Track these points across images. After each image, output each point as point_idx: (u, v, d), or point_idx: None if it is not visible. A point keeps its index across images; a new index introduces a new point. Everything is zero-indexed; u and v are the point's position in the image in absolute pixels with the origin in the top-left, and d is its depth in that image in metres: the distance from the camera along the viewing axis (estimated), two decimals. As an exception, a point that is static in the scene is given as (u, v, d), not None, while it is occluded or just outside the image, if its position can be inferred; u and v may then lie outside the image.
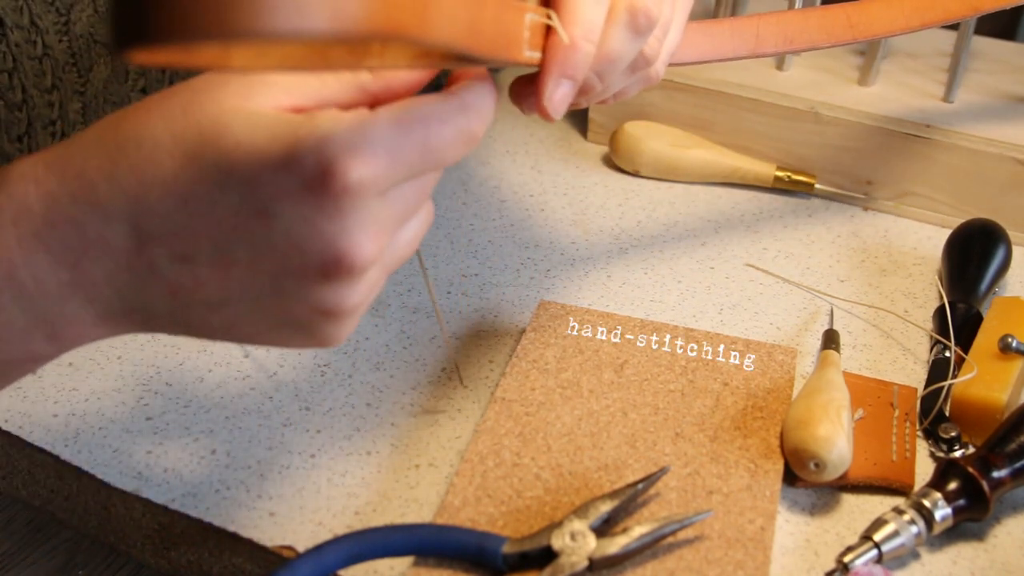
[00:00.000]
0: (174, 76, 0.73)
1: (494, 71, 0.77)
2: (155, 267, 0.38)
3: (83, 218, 0.38)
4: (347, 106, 0.40)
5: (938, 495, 0.50)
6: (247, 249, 0.37)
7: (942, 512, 0.49)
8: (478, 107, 0.40)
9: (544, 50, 0.45)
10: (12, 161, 0.41)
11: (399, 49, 0.38)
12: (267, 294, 0.38)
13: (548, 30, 0.45)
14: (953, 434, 0.54)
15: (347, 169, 0.35)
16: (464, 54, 0.37)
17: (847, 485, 0.53)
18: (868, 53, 0.77)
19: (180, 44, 0.29)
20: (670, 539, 0.49)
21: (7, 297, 0.38)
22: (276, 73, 0.38)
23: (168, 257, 0.38)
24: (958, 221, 0.69)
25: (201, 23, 0.28)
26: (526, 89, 0.47)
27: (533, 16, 0.44)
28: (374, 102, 0.41)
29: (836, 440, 0.50)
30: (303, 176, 0.36)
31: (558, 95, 0.46)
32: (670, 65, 0.54)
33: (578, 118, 0.86)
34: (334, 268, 0.37)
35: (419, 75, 0.42)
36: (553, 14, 0.44)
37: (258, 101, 0.37)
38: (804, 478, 0.52)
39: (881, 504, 0.53)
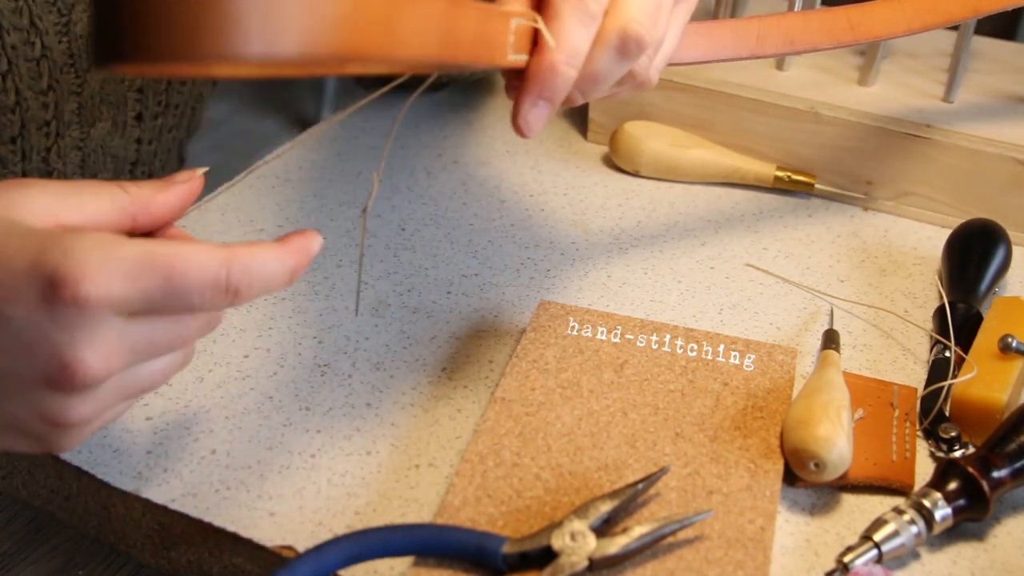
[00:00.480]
0: (172, 79, 0.73)
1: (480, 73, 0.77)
2: None
3: None
4: (111, 227, 0.42)
5: (938, 495, 0.50)
6: None
7: (942, 512, 0.49)
8: (248, 267, 0.40)
9: (528, 62, 0.45)
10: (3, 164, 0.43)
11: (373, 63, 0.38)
12: None
13: (535, 32, 0.45)
14: (953, 434, 0.54)
15: (80, 284, 0.37)
16: (439, 63, 0.38)
17: (847, 485, 0.53)
18: (868, 53, 0.77)
19: (154, 65, 0.31)
20: (670, 539, 0.49)
21: None
22: (67, 189, 0.41)
23: None
24: (958, 221, 0.69)
25: (173, 48, 0.31)
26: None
27: (520, 21, 0.44)
28: (135, 223, 0.43)
29: (836, 440, 0.50)
30: (40, 285, 0.37)
31: (533, 115, 0.47)
32: (670, 65, 0.54)
33: (578, 118, 0.86)
34: (58, 377, 0.38)
35: (182, 200, 0.44)
36: (539, 19, 0.44)
37: (24, 212, 0.40)
38: (804, 478, 0.52)
39: (881, 504, 0.53)
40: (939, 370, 0.58)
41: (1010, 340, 0.56)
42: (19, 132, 0.61)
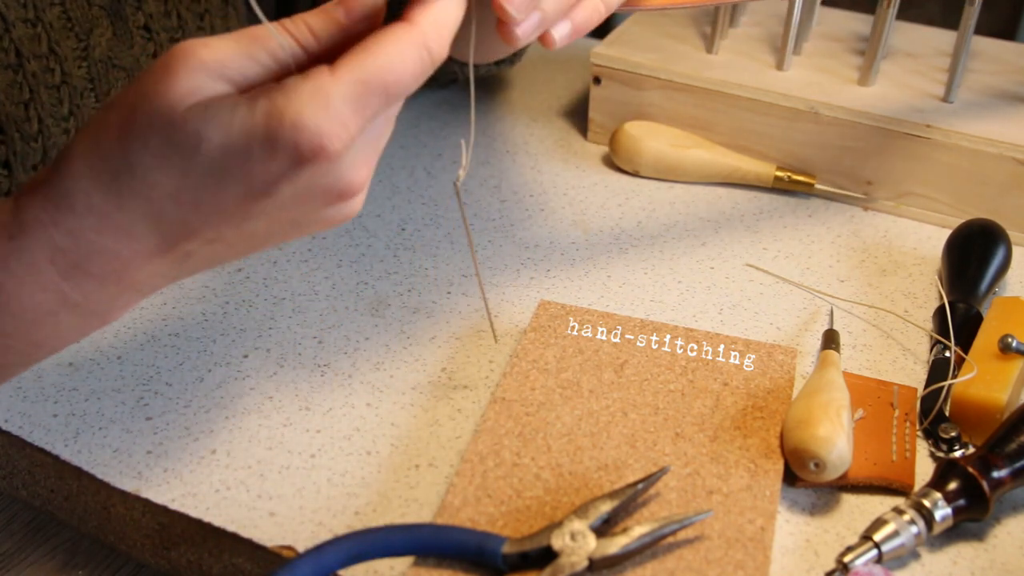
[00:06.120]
0: None
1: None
2: (190, 253, 0.43)
3: (112, 244, 0.41)
4: (281, 76, 0.41)
5: (938, 495, 0.50)
6: (263, 217, 0.42)
7: (942, 512, 0.49)
8: (436, 25, 0.42)
9: None
10: (5, 204, 0.42)
11: None
12: (289, 226, 0.44)
13: None
14: (953, 434, 0.54)
15: (324, 148, 0.39)
16: None
17: (847, 485, 0.53)
18: (868, 53, 0.77)
19: None
20: (670, 539, 0.49)
21: (65, 316, 0.44)
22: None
23: (200, 243, 0.43)
24: (958, 221, 0.69)
25: None
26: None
27: None
28: (314, 62, 0.41)
29: (836, 440, 0.50)
30: (287, 160, 0.39)
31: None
32: (659, 8, 0.54)
33: (578, 118, 0.86)
34: (337, 199, 0.42)
35: (348, 22, 0.43)
36: None
37: (208, 95, 0.39)
38: (804, 478, 0.52)
39: (881, 504, 0.53)
40: (939, 370, 0.58)
41: (1010, 340, 0.56)
42: (41, 159, 0.61)
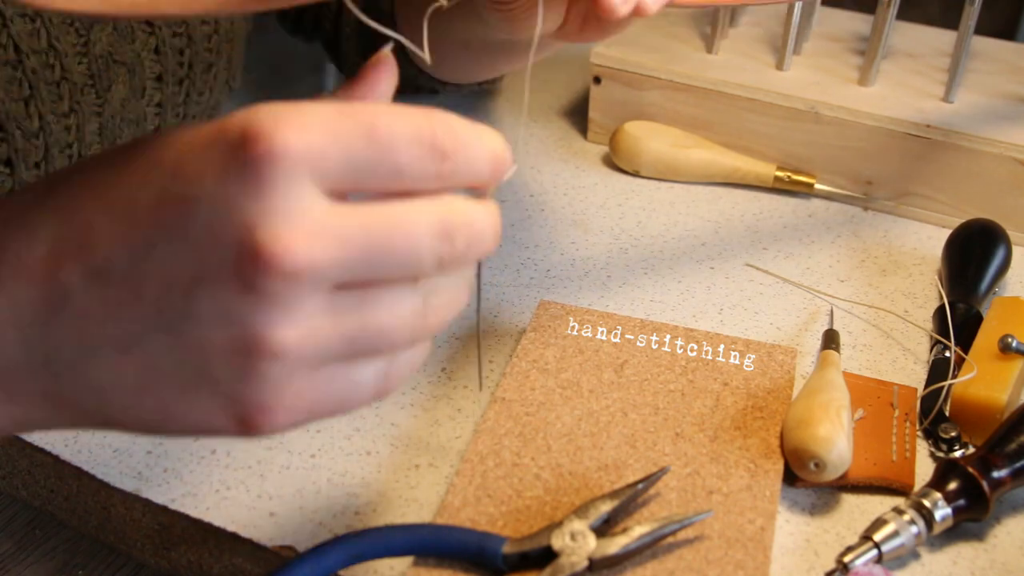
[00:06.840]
0: (190, 89, 0.73)
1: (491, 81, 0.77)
2: (67, 291, 0.34)
3: (5, 242, 0.35)
4: None
5: (938, 495, 0.50)
6: (162, 251, 0.33)
7: (942, 512, 0.49)
8: (453, 128, 0.35)
9: None
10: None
11: None
12: (180, 320, 0.33)
13: None
14: (953, 434, 0.54)
15: (275, 134, 0.31)
16: None
17: (847, 485, 0.53)
18: (868, 53, 0.77)
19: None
20: (670, 539, 0.49)
21: None
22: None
23: (81, 274, 0.34)
24: (958, 221, 0.69)
25: None
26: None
27: None
28: None
29: (836, 440, 0.50)
30: (227, 145, 0.32)
31: None
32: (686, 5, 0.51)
33: (578, 118, 0.86)
34: (249, 263, 0.31)
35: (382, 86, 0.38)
36: None
37: None
38: (804, 478, 0.52)
39: (881, 504, 0.53)
40: (939, 370, 0.58)
41: (1010, 340, 0.56)
42: (43, 156, 0.61)
